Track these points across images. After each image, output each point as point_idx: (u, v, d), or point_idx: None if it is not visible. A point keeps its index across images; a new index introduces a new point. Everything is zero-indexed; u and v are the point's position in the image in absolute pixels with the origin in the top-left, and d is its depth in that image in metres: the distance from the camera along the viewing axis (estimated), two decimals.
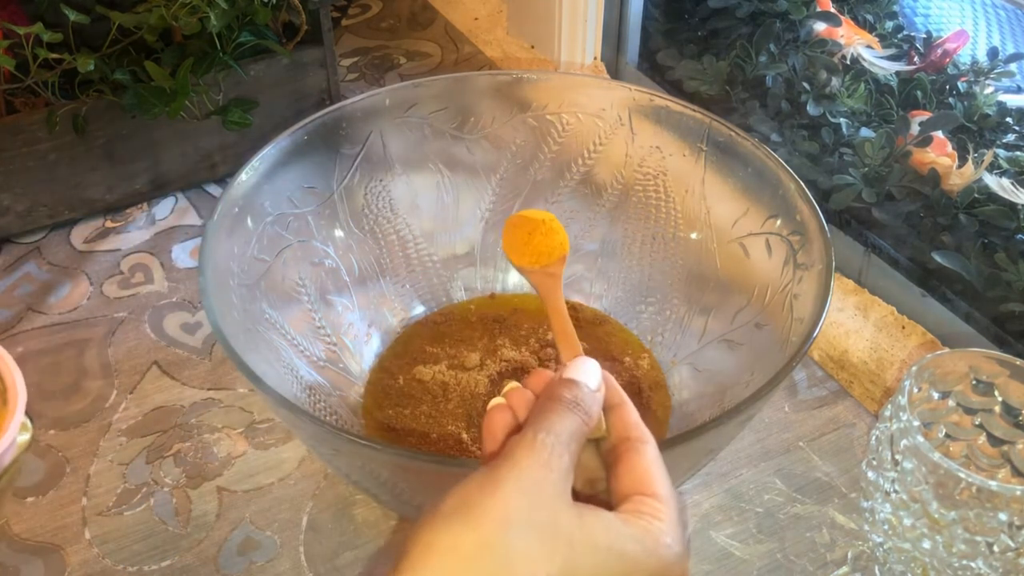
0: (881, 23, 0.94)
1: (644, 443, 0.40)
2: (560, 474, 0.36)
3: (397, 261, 0.72)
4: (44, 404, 0.69)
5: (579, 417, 0.38)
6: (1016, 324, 0.68)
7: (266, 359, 0.58)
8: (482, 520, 0.33)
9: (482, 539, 0.33)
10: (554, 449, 0.36)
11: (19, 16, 0.79)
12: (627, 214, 0.72)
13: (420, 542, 0.33)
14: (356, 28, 1.16)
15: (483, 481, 0.35)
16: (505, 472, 0.35)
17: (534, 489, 0.35)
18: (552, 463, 0.36)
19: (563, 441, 0.37)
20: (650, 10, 1.00)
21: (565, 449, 0.37)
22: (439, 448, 0.62)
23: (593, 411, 0.39)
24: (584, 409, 0.39)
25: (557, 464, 0.36)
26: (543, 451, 0.36)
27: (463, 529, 0.33)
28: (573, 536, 0.34)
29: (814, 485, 0.64)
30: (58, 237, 0.84)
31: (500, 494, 0.34)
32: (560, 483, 0.36)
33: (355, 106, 0.68)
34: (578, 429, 0.38)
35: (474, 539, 0.33)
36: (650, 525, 0.37)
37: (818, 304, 0.54)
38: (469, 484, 0.35)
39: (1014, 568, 0.47)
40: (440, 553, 0.33)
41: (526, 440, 0.36)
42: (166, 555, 0.60)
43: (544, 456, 0.36)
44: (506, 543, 0.33)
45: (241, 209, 0.61)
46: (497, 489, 0.34)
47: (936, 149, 0.77)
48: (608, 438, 0.41)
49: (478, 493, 0.34)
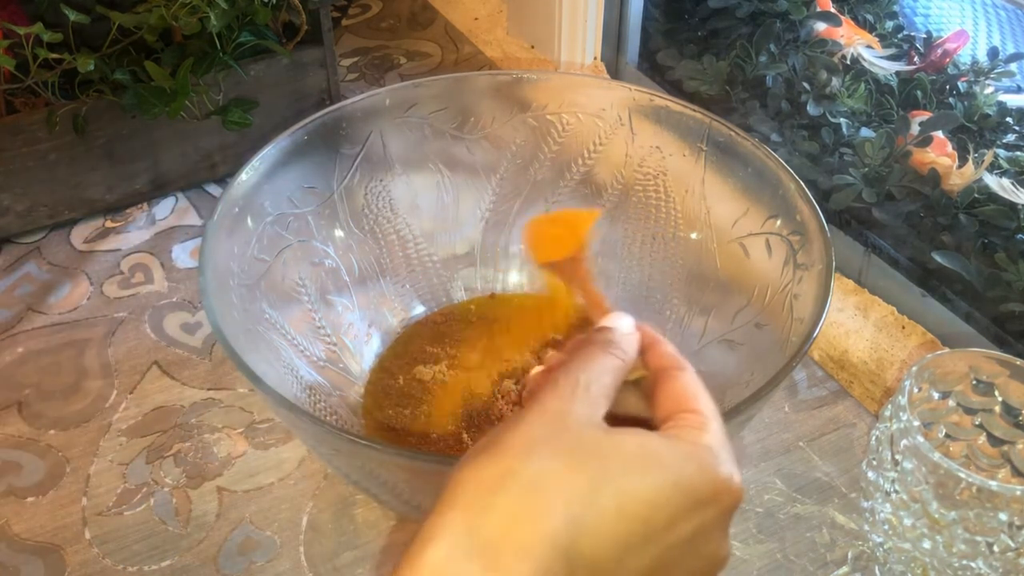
0: (881, 23, 0.94)
1: (681, 369, 0.40)
2: (588, 405, 0.36)
3: (397, 261, 0.72)
4: (44, 404, 0.69)
5: (611, 353, 0.38)
6: (1016, 324, 0.68)
7: (266, 359, 0.58)
8: (504, 451, 0.33)
9: (503, 467, 0.33)
10: (579, 383, 0.36)
11: (19, 16, 0.79)
12: (627, 214, 0.72)
13: (451, 480, 0.33)
14: (356, 28, 1.16)
15: (508, 421, 0.35)
16: (527, 410, 0.35)
17: (556, 418, 0.35)
18: (577, 395, 0.36)
19: (593, 376, 0.37)
20: (650, 10, 1.00)
21: (594, 382, 0.37)
22: (439, 448, 0.62)
23: (627, 348, 0.40)
24: (617, 346, 0.39)
25: (583, 396, 0.36)
26: (566, 387, 0.36)
27: (487, 462, 0.33)
28: (602, 450, 0.34)
29: (814, 485, 0.64)
30: (58, 237, 0.84)
31: (522, 427, 0.34)
32: (587, 411, 0.35)
33: (355, 106, 0.68)
34: (611, 364, 0.38)
35: (496, 469, 0.33)
36: (690, 435, 0.36)
37: (818, 304, 0.54)
38: (497, 426, 0.35)
39: (1014, 568, 0.47)
40: (466, 485, 0.33)
41: (551, 381, 0.37)
42: (166, 555, 0.60)
43: (567, 391, 0.36)
44: (528, 467, 0.33)
45: (241, 209, 0.61)
46: (519, 423, 0.35)
47: (936, 149, 0.77)
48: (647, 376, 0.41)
49: (502, 430, 0.35)
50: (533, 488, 0.32)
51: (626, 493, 0.33)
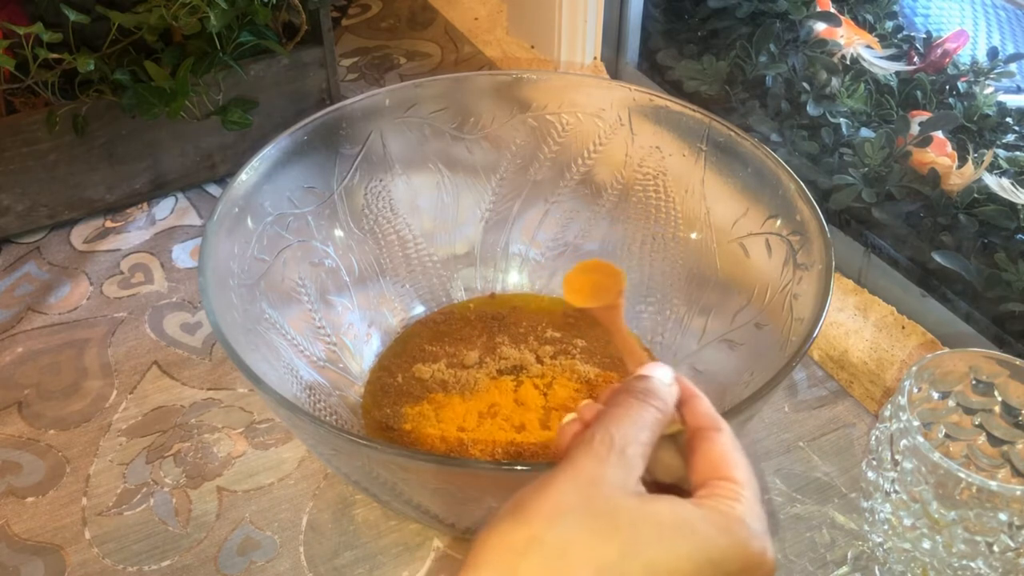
0: (881, 23, 0.94)
1: (718, 431, 0.38)
2: (622, 467, 0.35)
3: (397, 261, 0.72)
4: (44, 404, 0.69)
5: (651, 406, 0.38)
6: (1016, 324, 0.68)
7: (266, 359, 0.58)
8: (533, 516, 0.33)
9: (531, 533, 0.32)
10: (615, 443, 0.35)
11: (19, 16, 0.79)
12: (627, 214, 0.72)
13: (478, 542, 0.33)
14: (356, 28, 1.16)
15: (540, 482, 0.35)
16: (560, 470, 0.35)
17: (588, 482, 0.34)
18: (611, 458, 0.35)
19: (629, 434, 0.36)
20: (650, 10, 1.00)
21: (631, 441, 0.36)
22: (438, 447, 0.62)
23: (666, 399, 0.39)
24: (656, 397, 0.38)
25: (618, 459, 0.35)
26: (601, 447, 0.35)
27: (514, 526, 0.33)
28: (634, 519, 0.33)
29: (814, 485, 0.64)
30: (58, 237, 0.84)
31: (552, 490, 0.34)
32: (621, 475, 0.35)
33: (355, 106, 0.68)
34: (650, 418, 0.37)
35: (524, 534, 0.33)
36: (723, 505, 0.35)
37: (818, 304, 0.54)
38: (528, 486, 0.35)
39: (1014, 568, 0.47)
40: (493, 550, 0.33)
41: (584, 439, 0.36)
42: (166, 555, 0.60)
43: (602, 451, 0.35)
44: (555, 535, 0.32)
45: (241, 209, 0.61)
46: (550, 486, 0.34)
47: (936, 149, 0.77)
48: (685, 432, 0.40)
49: (532, 492, 0.34)
50: (560, 556, 0.32)
51: (657, 564, 0.32)
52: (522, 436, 0.62)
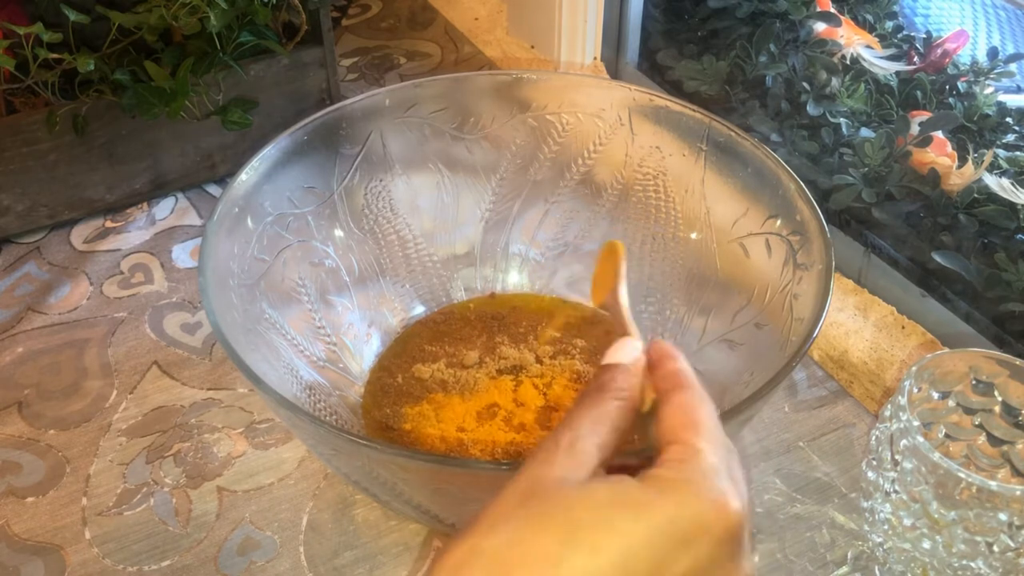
0: (881, 23, 0.94)
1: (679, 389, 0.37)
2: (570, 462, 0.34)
3: (397, 261, 0.72)
4: (44, 404, 0.69)
5: (607, 398, 0.37)
6: (1016, 324, 0.68)
7: (266, 359, 0.58)
8: (473, 529, 0.33)
9: (469, 546, 0.32)
10: (560, 444, 0.35)
11: (19, 16, 0.79)
12: (627, 214, 0.72)
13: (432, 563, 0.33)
14: (356, 28, 1.16)
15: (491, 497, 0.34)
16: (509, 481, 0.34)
17: (528, 485, 0.34)
18: (557, 457, 0.34)
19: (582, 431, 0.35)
20: (650, 10, 1.00)
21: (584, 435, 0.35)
22: (438, 447, 0.62)
23: (626, 384, 0.37)
24: (613, 385, 0.37)
25: (565, 456, 0.34)
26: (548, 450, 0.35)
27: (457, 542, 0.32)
28: (570, 505, 0.32)
29: (814, 485, 0.64)
30: (58, 237, 0.84)
31: (495, 500, 0.33)
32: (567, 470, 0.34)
33: (355, 106, 0.68)
34: (610, 409, 0.36)
35: (466, 547, 0.32)
36: (671, 470, 0.33)
37: (818, 304, 0.54)
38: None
39: (1014, 568, 0.47)
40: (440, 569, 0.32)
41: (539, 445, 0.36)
42: (166, 555, 0.60)
43: (550, 453, 0.35)
44: (493, 541, 0.32)
45: (241, 209, 0.61)
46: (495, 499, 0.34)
47: (936, 149, 0.77)
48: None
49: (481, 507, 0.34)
50: (497, 562, 0.31)
51: (602, 545, 0.31)
52: (522, 436, 0.62)
